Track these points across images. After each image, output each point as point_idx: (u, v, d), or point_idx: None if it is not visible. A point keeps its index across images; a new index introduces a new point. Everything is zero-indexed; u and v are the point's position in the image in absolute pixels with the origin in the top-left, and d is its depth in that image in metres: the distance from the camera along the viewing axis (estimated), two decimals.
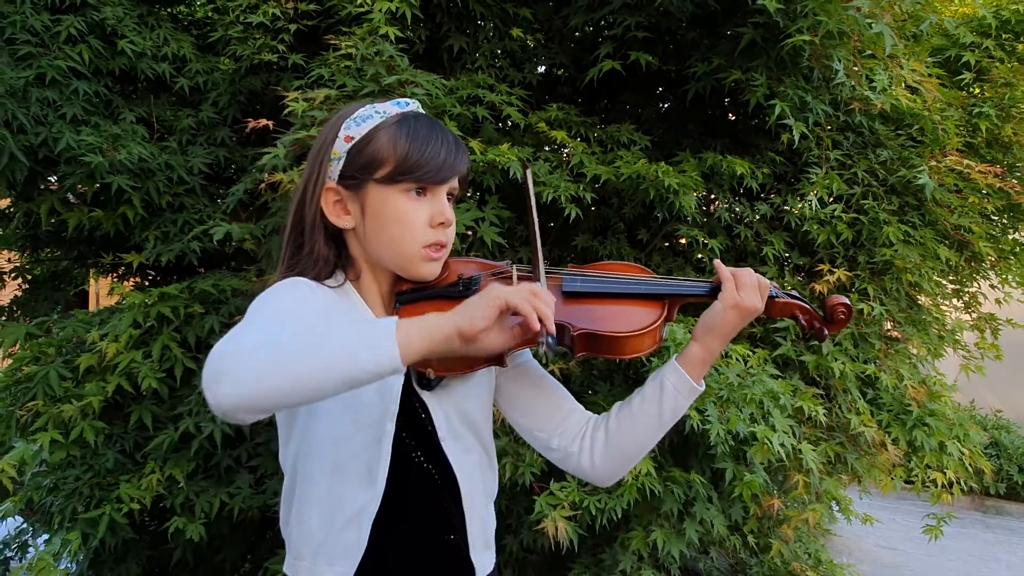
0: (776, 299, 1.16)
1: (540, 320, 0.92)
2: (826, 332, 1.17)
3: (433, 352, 0.92)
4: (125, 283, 3.06)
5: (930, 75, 2.53)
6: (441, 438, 1.13)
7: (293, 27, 2.56)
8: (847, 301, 1.15)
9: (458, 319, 0.91)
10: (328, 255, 1.14)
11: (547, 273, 1.14)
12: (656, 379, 1.17)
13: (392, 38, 2.32)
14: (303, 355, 0.87)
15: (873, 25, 2.20)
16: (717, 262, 1.16)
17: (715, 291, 1.14)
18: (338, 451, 1.09)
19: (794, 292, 1.19)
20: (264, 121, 2.25)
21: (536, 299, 0.93)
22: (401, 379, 1.11)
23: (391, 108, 1.14)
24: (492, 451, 1.24)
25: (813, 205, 2.49)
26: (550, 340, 0.93)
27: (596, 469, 1.20)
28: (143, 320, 2.27)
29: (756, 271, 1.15)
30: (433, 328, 0.91)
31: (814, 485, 2.31)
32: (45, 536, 2.49)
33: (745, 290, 1.11)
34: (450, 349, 0.92)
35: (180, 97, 2.88)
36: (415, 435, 1.12)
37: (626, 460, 1.20)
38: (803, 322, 1.18)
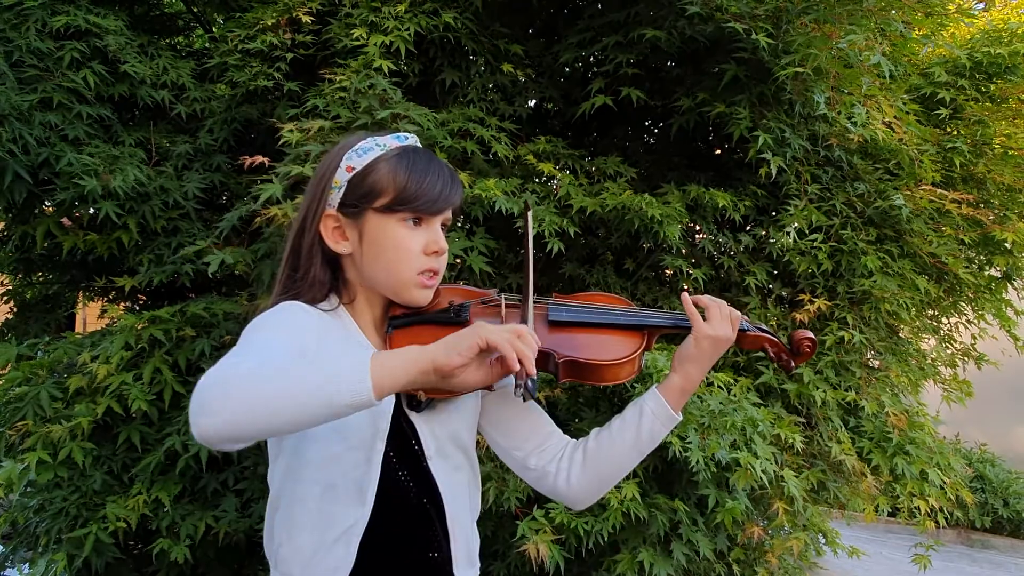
0: (747, 332, 1.23)
1: (520, 362, 0.93)
2: (793, 364, 1.24)
3: (410, 384, 0.94)
4: (116, 306, 3.07)
5: (907, 112, 2.62)
6: (428, 457, 1.16)
7: (289, 56, 2.61)
8: (812, 335, 1.23)
9: (437, 354, 0.93)
10: (324, 279, 1.18)
11: (534, 303, 1.18)
12: (636, 404, 1.22)
13: (386, 71, 2.38)
14: (279, 391, 0.89)
15: (872, 56, 2.28)
16: (684, 297, 1.22)
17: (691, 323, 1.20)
18: (329, 471, 1.11)
19: (762, 326, 1.26)
20: (260, 158, 2.30)
21: (519, 341, 0.94)
22: (392, 399, 1.14)
23: (391, 142, 1.19)
24: (477, 470, 1.27)
25: (792, 236, 2.56)
26: (529, 383, 0.93)
27: (572, 489, 1.23)
28: (135, 343, 2.29)
29: (739, 301, 1.22)
30: (409, 361, 0.93)
31: (798, 513, 2.34)
32: (26, 565, 2.47)
33: (717, 321, 1.18)
34: (427, 382, 0.94)
35: (177, 124, 2.93)
36: (402, 455, 1.15)
37: (602, 482, 1.24)
38: (771, 354, 1.25)
